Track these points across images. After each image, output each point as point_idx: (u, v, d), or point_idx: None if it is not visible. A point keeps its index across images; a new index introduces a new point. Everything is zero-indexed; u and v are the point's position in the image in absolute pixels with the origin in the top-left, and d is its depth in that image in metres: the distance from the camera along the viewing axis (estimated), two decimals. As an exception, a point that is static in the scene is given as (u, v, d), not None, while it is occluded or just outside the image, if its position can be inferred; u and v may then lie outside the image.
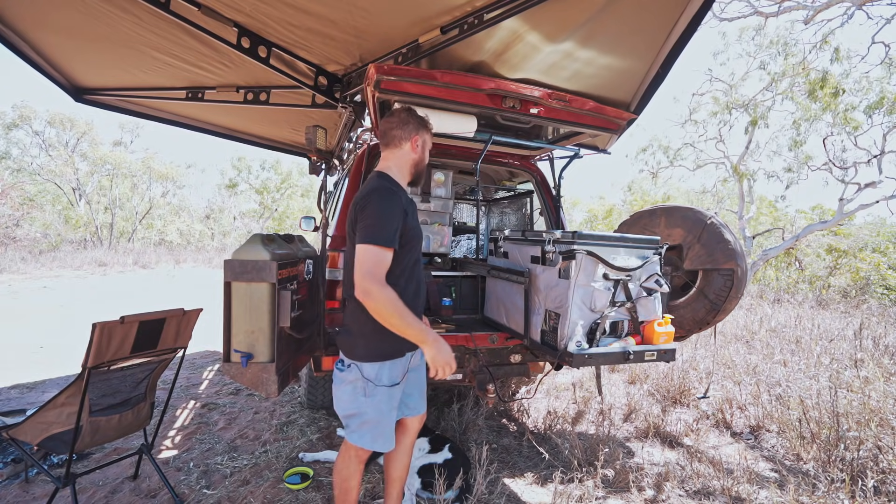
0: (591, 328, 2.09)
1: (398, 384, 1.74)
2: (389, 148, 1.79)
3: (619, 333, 2.20)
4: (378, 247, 1.54)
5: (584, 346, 2.05)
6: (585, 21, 2.07)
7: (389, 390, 1.70)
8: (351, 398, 1.69)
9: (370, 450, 1.73)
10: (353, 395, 1.69)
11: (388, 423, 1.72)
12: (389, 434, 1.74)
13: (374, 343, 1.69)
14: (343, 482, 1.80)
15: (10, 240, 15.04)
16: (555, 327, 2.12)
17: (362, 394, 1.68)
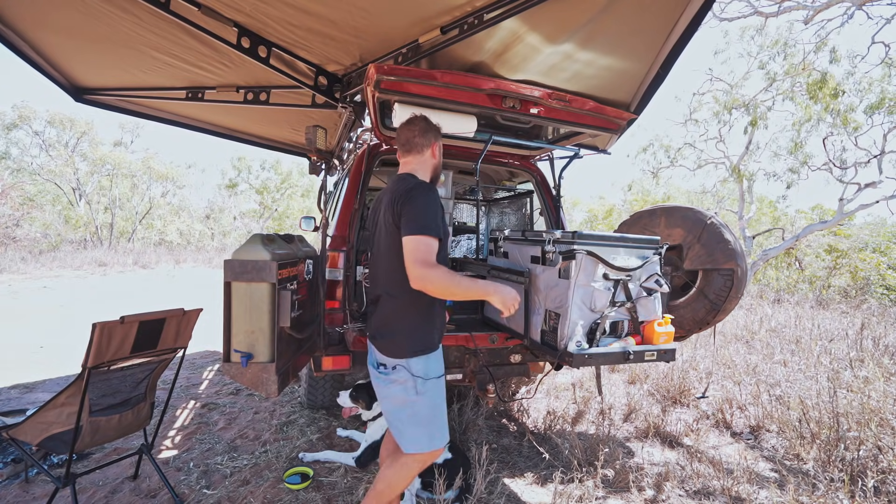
0: (591, 328, 2.09)
1: (443, 375, 1.83)
2: (412, 154, 1.86)
3: (619, 333, 2.20)
4: (428, 237, 1.60)
5: (584, 346, 2.05)
6: (586, 22, 2.07)
7: (438, 382, 1.78)
8: (402, 400, 1.72)
9: (429, 451, 1.76)
10: (405, 395, 1.72)
11: (441, 416, 1.80)
12: (444, 426, 1.81)
13: (418, 336, 1.74)
14: (391, 491, 1.80)
15: (10, 240, 15.04)
16: (555, 327, 2.12)
17: (414, 392, 1.71)
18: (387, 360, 1.74)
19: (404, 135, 1.86)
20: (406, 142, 1.86)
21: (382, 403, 1.81)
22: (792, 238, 10.87)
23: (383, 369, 1.76)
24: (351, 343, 2.47)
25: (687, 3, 1.94)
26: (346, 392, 2.82)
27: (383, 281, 1.77)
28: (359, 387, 2.81)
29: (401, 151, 1.88)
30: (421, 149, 1.86)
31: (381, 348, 1.75)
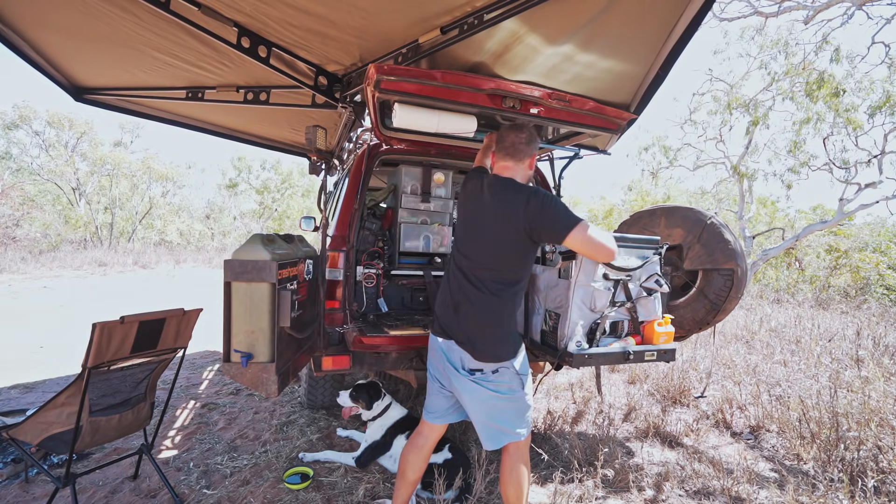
0: (591, 328, 2.09)
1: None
2: (514, 159, 1.86)
3: (619, 333, 2.20)
4: (581, 221, 1.67)
5: (584, 346, 2.06)
6: (585, 23, 2.07)
7: (529, 374, 1.84)
8: (508, 398, 1.75)
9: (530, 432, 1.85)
10: (511, 394, 1.75)
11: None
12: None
13: (515, 333, 1.80)
14: (525, 483, 1.82)
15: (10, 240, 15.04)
16: (555, 327, 2.13)
17: (520, 388, 1.76)
18: (485, 364, 1.72)
19: (510, 138, 1.86)
20: (511, 146, 1.85)
21: (473, 404, 1.77)
22: (792, 238, 10.87)
23: (480, 374, 1.73)
24: (351, 343, 2.47)
25: (687, 4, 1.94)
26: (346, 392, 2.82)
27: (488, 281, 1.74)
28: (359, 387, 2.81)
29: (501, 154, 1.87)
30: (523, 157, 1.86)
31: (485, 354, 1.72)
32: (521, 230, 1.70)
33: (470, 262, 1.79)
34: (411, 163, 3.24)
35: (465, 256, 1.81)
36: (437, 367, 1.89)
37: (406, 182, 3.22)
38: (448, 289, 1.84)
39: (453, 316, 1.79)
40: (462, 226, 1.89)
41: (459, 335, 1.77)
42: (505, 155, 1.88)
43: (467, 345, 1.74)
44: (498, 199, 1.77)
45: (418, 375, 2.59)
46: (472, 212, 1.86)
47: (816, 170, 11.56)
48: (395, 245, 3.23)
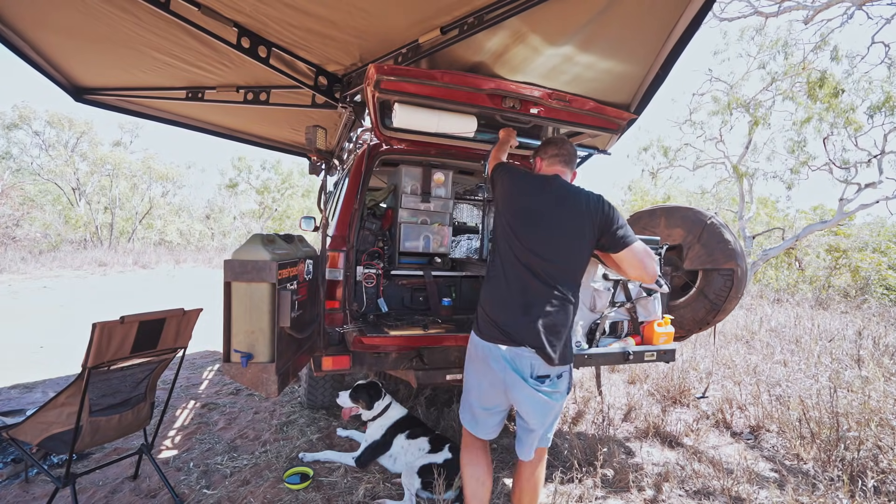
0: (591, 328, 2.10)
1: None
2: (569, 168, 1.94)
3: (618, 334, 2.21)
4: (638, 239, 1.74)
5: (583, 346, 2.06)
6: (585, 23, 2.07)
7: None
8: (562, 404, 1.75)
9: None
10: (564, 398, 1.74)
11: None
12: None
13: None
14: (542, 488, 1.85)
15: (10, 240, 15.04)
16: None
17: (568, 391, 1.76)
18: (552, 369, 1.66)
19: (567, 149, 1.94)
20: (568, 155, 1.94)
21: (535, 413, 1.67)
22: (792, 238, 10.87)
23: (548, 381, 1.66)
24: (351, 343, 2.47)
25: (687, 4, 1.94)
26: (346, 392, 2.82)
27: (562, 281, 1.68)
28: (359, 387, 2.81)
29: (561, 163, 1.92)
30: (574, 167, 1.96)
31: (558, 358, 1.65)
32: (594, 232, 1.72)
33: (542, 260, 1.67)
34: (411, 163, 3.24)
35: (534, 254, 1.68)
36: (491, 377, 1.70)
37: (406, 182, 3.22)
38: (509, 289, 1.68)
39: (523, 319, 1.64)
40: (523, 223, 1.73)
41: (533, 339, 1.63)
42: (562, 162, 1.91)
43: (544, 349, 1.62)
44: (574, 199, 1.74)
45: (418, 375, 2.59)
46: (538, 209, 1.74)
47: (816, 170, 11.56)
48: (395, 245, 3.23)
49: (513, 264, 1.71)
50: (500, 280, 1.72)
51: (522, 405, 1.68)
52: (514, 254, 1.71)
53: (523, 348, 1.63)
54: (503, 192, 1.86)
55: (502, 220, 1.80)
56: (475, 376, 1.77)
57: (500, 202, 1.85)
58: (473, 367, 1.78)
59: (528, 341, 1.63)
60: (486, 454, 1.86)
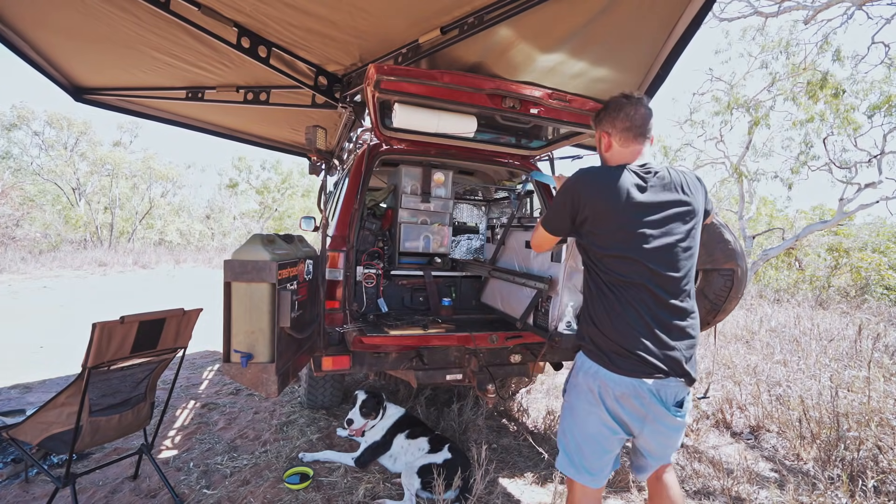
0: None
1: None
2: (647, 139, 1.55)
3: None
4: None
5: (574, 327, 2.09)
6: (586, 23, 2.07)
7: None
8: None
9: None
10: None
11: None
12: None
13: None
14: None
15: (10, 240, 15.04)
16: (547, 309, 2.16)
17: None
18: (688, 388, 1.49)
19: (640, 113, 1.50)
20: (644, 122, 1.51)
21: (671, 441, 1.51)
22: (792, 238, 10.87)
23: (684, 401, 1.49)
24: (351, 343, 2.47)
25: (687, 4, 1.94)
26: (356, 410, 2.73)
27: (689, 290, 1.49)
28: (365, 402, 2.76)
29: (631, 135, 1.51)
30: (651, 130, 1.55)
31: (695, 374, 1.47)
32: (701, 216, 1.52)
33: (667, 276, 1.43)
34: (411, 163, 3.24)
35: (659, 268, 1.43)
36: (625, 415, 1.45)
37: (406, 182, 3.22)
38: (640, 315, 1.42)
39: (666, 343, 1.41)
40: (635, 237, 1.43)
41: (678, 364, 1.42)
42: (638, 136, 1.51)
43: (688, 371, 1.44)
44: (680, 193, 1.47)
45: (418, 375, 2.59)
46: (645, 217, 1.43)
47: (816, 170, 11.56)
48: (395, 245, 3.23)
49: (628, 286, 1.44)
50: (627, 309, 1.44)
51: (660, 436, 1.49)
52: (626, 276, 1.44)
53: (670, 378, 1.42)
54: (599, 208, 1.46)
55: (596, 242, 1.48)
56: (598, 419, 1.46)
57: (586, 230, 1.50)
58: (598, 409, 1.45)
59: (674, 369, 1.42)
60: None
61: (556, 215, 1.56)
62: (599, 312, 1.48)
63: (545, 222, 1.61)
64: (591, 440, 1.48)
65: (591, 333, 1.50)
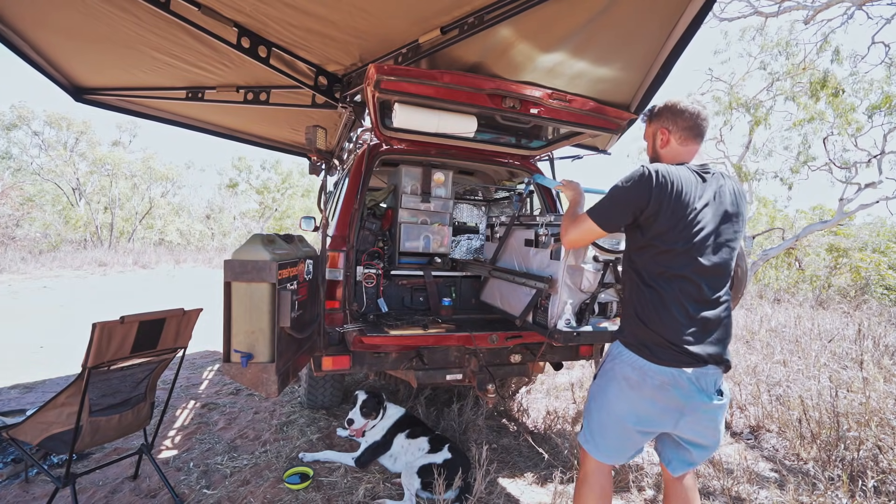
0: (581, 308, 2.13)
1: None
2: (703, 139, 1.64)
3: (608, 314, 2.24)
4: None
5: (573, 324, 2.09)
6: (586, 22, 2.07)
7: None
8: None
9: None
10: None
11: None
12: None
13: None
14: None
15: (10, 240, 15.03)
16: (546, 307, 2.17)
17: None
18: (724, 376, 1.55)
19: (700, 113, 1.61)
20: (704, 122, 1.63)
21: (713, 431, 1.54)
22: (792, 238, 10.87)
23: (723, 389, 1.54)
24: (351, 343, 2.47)
25: (687, 4, 1.94)
26: (356, 410, 2.73)
27: (727, 289, 1.56)
28: (365, 402, 2.76)
29: (691, 135, 1.63)
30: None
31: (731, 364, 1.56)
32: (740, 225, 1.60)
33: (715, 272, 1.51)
34: (411, 163, 3.24)
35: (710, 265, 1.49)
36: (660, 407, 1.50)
37: (406, 182, 3.22)
38: (685, 308, 1.47)
39: (707, 335, 1.48)
40: (695, 234, 1.48)
41: (718, 354, 1.49)
42: (697, 136, 1.63)
43: (726, 360, 1.52)
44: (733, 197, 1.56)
45: (418, 375, 2.59)
46: (707, 216, 1.50)
47: (816, 170, 11.56)
48: (395, 245, 3.23)
49: (677, 280, 1.49)
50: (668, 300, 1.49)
51: (701, 424, 1.52)
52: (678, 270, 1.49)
53: (709, 367, 1.48)
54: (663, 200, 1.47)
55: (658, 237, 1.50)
56: (632, 404, 1.53)
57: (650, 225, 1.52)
58: (633, 395, 1.52)
59: (714, 360, 1.48)
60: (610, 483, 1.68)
61: (616, 209, 1.54)
62: (644, 305, 1.52)
63: (597, 217, 1.57)
64: (617, 423, 1.56)
65: (632, 325, 1.55)
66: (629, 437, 1.57)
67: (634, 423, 1.53)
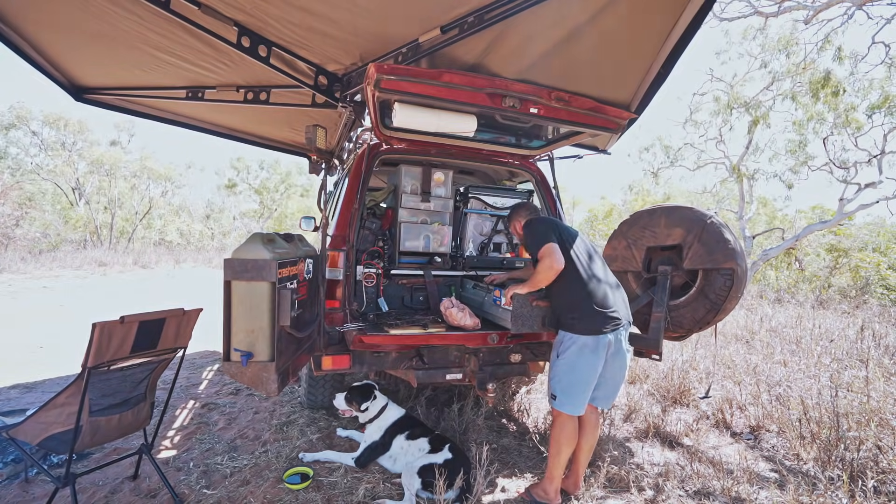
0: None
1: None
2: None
3: None
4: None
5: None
6: (585, 22, 2.07)
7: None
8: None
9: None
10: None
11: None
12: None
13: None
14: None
15: (10, 240, 15.03)
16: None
17: None
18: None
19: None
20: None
21: (624, 370, 2.28)
22: (792, 238, 10.88)
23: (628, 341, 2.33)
24: (351, 342, 2.47)
25: (686, 3, 1.94)
26: (342, 395, 2.84)
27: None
28: (353, 389, 2.79)
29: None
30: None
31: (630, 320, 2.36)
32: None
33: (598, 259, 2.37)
34: (411, 162, 3.24)
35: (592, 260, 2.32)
36: (599, 363, 2.18)
37: (406, 182, 3.22)
38: (600, 283, 2.22)
39: (621, 302, 2.25)
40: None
41: (627, 314, 2.27)
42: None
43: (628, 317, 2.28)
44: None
45: (418, 375, 2.59)
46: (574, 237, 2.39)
47: (816, 170, 11.56)
48: (395, 245, 3.23)
49: (587, 268, 2.25)
50: (591, 283, 2.21)
51: (617, 368, 2.24)
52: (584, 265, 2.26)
53: (627, 324, 2.24)
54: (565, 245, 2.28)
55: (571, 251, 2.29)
56: (592, 369, 2.18)
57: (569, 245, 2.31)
58: (589, 361, 2.16)
59: (627, 317, 2.25)
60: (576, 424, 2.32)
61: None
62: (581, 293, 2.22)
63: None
64: (586, 382, 2.20)
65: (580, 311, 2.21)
66: (590, 388, 2.22)
67: (594, 376, 2.19)
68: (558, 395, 2.23)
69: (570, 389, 2.20)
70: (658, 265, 2.78)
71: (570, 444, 2.25)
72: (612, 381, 2.28)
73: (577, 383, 2.18)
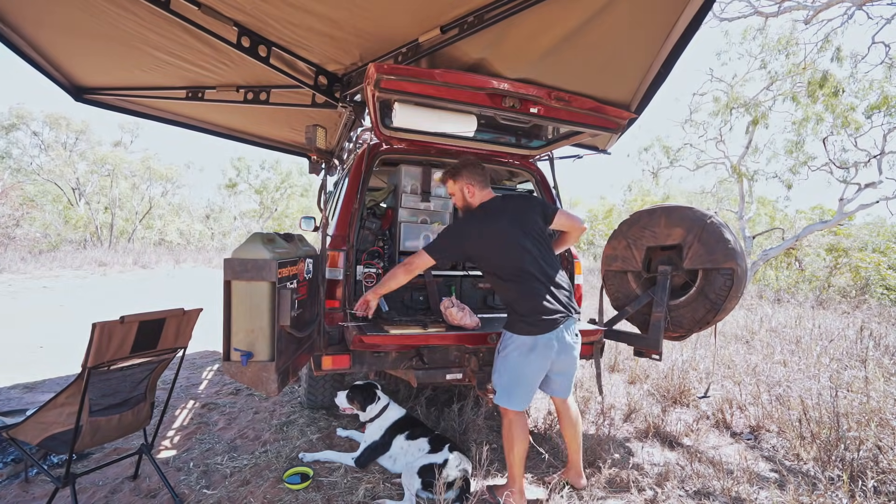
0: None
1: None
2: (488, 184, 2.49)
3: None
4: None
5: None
6: (586, 21, 2.07)
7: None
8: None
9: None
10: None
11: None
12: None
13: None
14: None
15: (10, 240, 15.03)
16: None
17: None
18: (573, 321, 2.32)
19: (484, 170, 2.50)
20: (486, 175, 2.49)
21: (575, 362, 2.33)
22: (792, 238, 10.88)
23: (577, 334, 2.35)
24: (351, 342, 2.47)
25: (686, 3, 1.94)
26: (344, 393, 2.85)
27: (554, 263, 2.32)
28: (354, 388, 2.80)
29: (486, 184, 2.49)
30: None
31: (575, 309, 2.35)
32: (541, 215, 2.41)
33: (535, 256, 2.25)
34: (411, 162, 3.24)
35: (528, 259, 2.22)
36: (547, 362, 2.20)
37: (406, 182, 3.22)
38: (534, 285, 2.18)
39: (563, 298, 2.23)
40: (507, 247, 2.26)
41: (568, 308, 2.24)
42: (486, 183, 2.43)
43: (573, 308, 2.27)
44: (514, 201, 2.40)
45: (418, 375, 2.59)
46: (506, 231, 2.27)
47: (816, 170, 11.56)
48: (395, 244, 3.23)
49: (519, 269, 2.19)
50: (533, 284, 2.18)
51: (567, 362, 2.28)
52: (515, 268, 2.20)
53: (572, 319, 2.24)
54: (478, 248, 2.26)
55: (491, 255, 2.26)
56: (531, 368, 2.19)
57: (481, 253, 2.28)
58: (528, 360, 2.17)
59: (570, 312, 2.23)
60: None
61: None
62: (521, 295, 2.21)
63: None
64: (526, 380, 2.22)
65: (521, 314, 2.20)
66: (535, 387, 2.26)
67: (539, 375, 2.24)
68: (499, 391, 2.27)
69: (510, 387, 2.22)
70: (658, 265, 2.79)
71: (521, 440, 2.25)
72: (564, 374, 2.34)
73: (516, 381, 2.20)
